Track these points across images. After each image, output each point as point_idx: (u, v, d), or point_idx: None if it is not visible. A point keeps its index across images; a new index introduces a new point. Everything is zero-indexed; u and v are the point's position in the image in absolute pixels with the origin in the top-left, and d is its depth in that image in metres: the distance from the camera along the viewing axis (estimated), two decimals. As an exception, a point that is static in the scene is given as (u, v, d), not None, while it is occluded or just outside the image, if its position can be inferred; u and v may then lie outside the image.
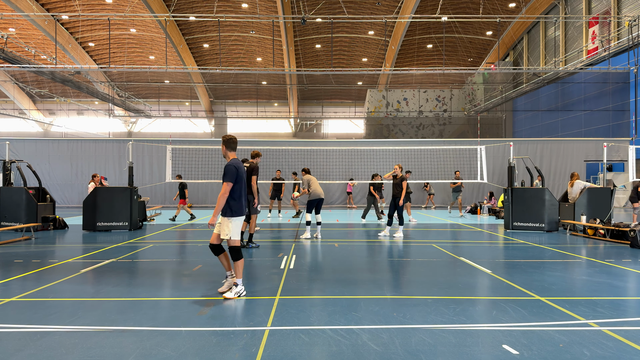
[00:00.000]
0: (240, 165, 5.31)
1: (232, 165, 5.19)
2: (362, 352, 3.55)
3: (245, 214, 5.38)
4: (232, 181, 5.13)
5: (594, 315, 4.51)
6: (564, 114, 28.69)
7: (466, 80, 35.99)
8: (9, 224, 11.60)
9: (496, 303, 4.98)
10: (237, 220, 5.22)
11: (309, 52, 36.96)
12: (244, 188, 5.34)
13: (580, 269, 7.00)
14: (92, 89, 32.64)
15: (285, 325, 4.19)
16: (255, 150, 9.34)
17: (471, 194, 21.89)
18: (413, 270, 6.97)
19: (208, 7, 30.49)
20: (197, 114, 44.71)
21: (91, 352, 3.54)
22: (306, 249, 8.87)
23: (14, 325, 4.20)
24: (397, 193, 10.77)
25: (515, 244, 9.78)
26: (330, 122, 45.72)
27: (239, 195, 5.24)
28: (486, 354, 3.53)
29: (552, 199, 11.93)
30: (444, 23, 27.55)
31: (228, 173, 5.14)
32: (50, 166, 21.44)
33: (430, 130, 34.35)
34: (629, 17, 20.88)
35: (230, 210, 5.18)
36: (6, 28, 31.37)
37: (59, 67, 24.84)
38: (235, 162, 5.26)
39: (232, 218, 5.18)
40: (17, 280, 6.03)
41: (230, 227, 5.17)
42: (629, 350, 3.60)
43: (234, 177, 5.15)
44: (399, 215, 10.84)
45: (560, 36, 28.25)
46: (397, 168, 10.96)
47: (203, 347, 3.65)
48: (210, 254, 8.29)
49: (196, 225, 13.69)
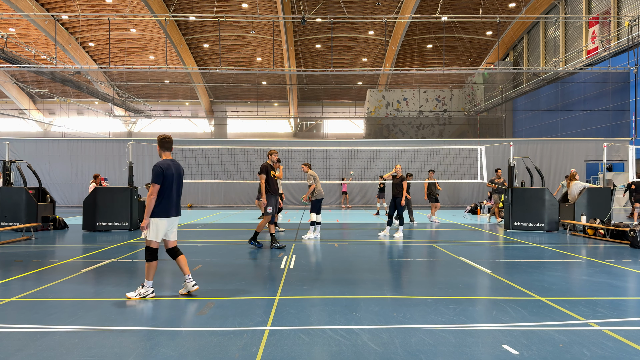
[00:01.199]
0: (169, 165, 5.19)
1: (158, 165, 5.13)
2: (362, 352, 3.55)
3: (173, 215, 5.23)
4: (156, 182, 5.08)
5: (594, 315, 4.51)
6: (564, 114, 28.69)
7: (466, 80, 35.99)
8: (9, 224, 11.60)
9: (496, 303, 4.97)
10: (157, 220, 5.13)
11: (309, 52, 36.96)
12: (174, 189, 5.21)
13: (580, 269, 7.00)
14: (92, 89, 32.65)
15: (285, 325, 4.19)
16: (271, 150, 9.12)
17: (471, 194, 21.89)
18: (413, 270, 6.97)
19: (208, 7, 30.49)
20: (197, 114, 44.70)
21: (91, 352, 3.54)
22: (306, 249, 8.87)
23: (14, 325, 4.19)
24: (397, 193, 10.79)
25: (515, 244, 9.78)
26: (330, 122, 45.72)
27: (165, 196, 5.15)
28: (486, 354, 3.53)
29: (552, 199, 11.94)
30: (444, 23, 27.55)
31: (153, 174, 5.11)
32: (50, 166, 21.44)
33: (430, 130, 34.35)
34: (629, 17, 20.88)
35: (153, 210, 5.14)
36: (6, 28, 31.36)
37: (59, 67, 24.84)
38: (163, 163, 5.19)
39: (152, 218, 5.14)
40: (17, 280, 6.03)
41: (151, 227, 5.15)
42: (629, 350, 3.60)
43: (159, 179, 5.08)
44: (399, 215, 10.84)
45: (560, 36, 28.25)
46: (399, 168, 10.98)
47: (203, 347, 3.65)
48: (210, 254, 8.30)
49: (196, 225, 13.69)
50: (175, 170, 5.26)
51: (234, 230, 12.38)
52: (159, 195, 5.12)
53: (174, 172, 5.23)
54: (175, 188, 5.24)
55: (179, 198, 5.36)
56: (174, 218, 5.27)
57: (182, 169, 5.40)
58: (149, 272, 5.17)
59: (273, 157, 8.98)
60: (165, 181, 5.13)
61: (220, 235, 11.34)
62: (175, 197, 5.26)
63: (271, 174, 8.76)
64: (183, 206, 21.93)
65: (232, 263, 7.39)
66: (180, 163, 6.05)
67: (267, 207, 8.70)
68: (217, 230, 12.36)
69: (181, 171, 5.37)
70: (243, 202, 22.29)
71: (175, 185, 5.25)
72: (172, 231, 5.33)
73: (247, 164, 20.52)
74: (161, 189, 5.12)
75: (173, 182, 5.20)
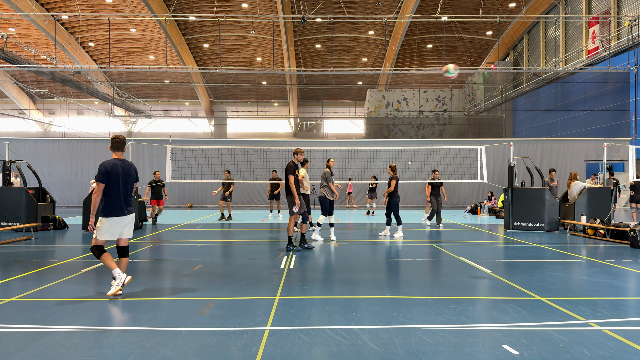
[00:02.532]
0: (114, 165, 5.21)
1: (103, 164, 5.17)
2: (362, 352, 3.55)
3: (118, 215, 5.23)
4: (101, 181, 5.11)
5: (594, 315, 4.51)
6: (564, 114, 28.69)
7: (466, 80, 35.99)
8: (9, 224, 11.60)
9: (496, 303, 4.97)
10: (103, 219, 5.16)
11: (309, 52, 36.96)
12: (120, 189, 5.21)
13: (580, 269, 7.00)
14: (92, 89, 32.64)
15: (285, 325, 4.19)
16: (297, 149, 8.94)
17: (471, 194, 21.89)
18: (413, 270, 6.97)
19: (208, 7, 30.49)
20: (197, 114, 44.70)
21: (91, 352, 3.54)
22: (306, 249, 8.86)
23: (14, 325, 4.19)
24: (391, 193, 10.79)
25: (515, 244, 9.78)
26: (330, 122, 45.71)
27: (109, 195, 5.17)
28: (486, 354, 3.53)
29: (552, 199, 11.94)
30: (444, 23, 27.54)
31: (98, 173, 5.15)
32: (50, 166, 21.44)
33: (430, 130, 34.35)
34: (629, 17, 20.87)
35: (101, 210, 5.17)
36: (6, 28, 31.36)
37: (59, 67, 24.84)
38: (108, 162, 5.21)
39: (100, 218, 5.19)
40: (17, 280, 6.03)
41: (98, 226, 5.18)
42: (629, 350, 3.60)
43: (103, 177, 5.11)
44: (396, 215, 10.81)
45: (560, 36, 28.24)
46: (388, 169, 11.02)
47: (203, 347, 3.65)
48: (210, 254, 8.30)
49: (196, 225, 13.69)
50: (122, 170, 5.25)
51: (234, 230, 12.38)
52: (104, 194, 5.16)
53: (120, 172, 5.23)
54: (122, 188, 5.24)
55: (127, 197, 5.31)
56: (120, 217, 5.24)
57: (132, 169, 5.38)
58: (108, 264, 5.19)
59: (299, 157, 8.81)
60: (110, 180, 5.14)
61: (220, 235, 11.34)
62: (122, 196, 5.24)
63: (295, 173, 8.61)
64: (183, 206, 21.92)
65: (232, 263, 7.39)
66: (180, 163, 6.04)
67: (294, 207, 8.53)
68: (217, 230, 12.36)
69: (131, 171, 5.35)
70: (243, 202, 22.29)
71: (122, 185, 5.25)
72: (124, 231, 5.32)
73: (247, 164, 20.52)
74: (106, 188, 5.15)
75: (119, 181, 5.21)
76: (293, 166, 8.51)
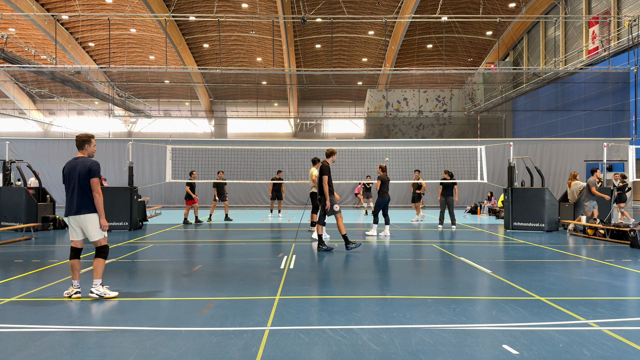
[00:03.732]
0: (66, 165, 5.27)
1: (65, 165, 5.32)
2: (362, 352, 3.55)
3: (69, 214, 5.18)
4: (63, 181, 5.25)
5: (594, 315, 4.51)
6: (564, 114, 28.69)
7: (466, 80, 35.98)
8: (9, 224, 11.60)
9: (496, 303, 4.98)
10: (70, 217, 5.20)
11: (309, 52, 36.96)
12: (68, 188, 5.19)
13: (580, 269, 7.00)
14: (92, 89, 32.64)
15: (285, 325, 4.19)
16: (330, 149, 8.89)
17: (471, 194, 21.88)
18: (413, 270, 6.97)
19: (208, 7, 30.49)
20: (197, 114, 44.70)
21: (91, 352, 3.54)
22: (306, 249, 8.86)
23: (14, 325, 4.20)
24: (379, 192, 10.90)
25: (515, 244, 9.78)
26: (330, 122, 45.71)
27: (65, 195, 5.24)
28: (486, 354, 3.53)
29: (552, 199, 11.94)
30: (444, 23, 27.53)
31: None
32: (50, 166, 21.42)
33: (430, 130, 34.35)
34: (629, 17, 20.87)
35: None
36: (6, 28, 31.36)
37: (59, 67, 24.84)
38: (68, 162, 5.29)
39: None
40: (17, 280, 6.03)
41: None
42: (629, 350, 3.60)
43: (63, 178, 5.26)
44: (374, 213, 11.03)
45: (560, 36, 28.25)
46: (378, 168, 11.11)
47: (203, 347, 3.65)
48: (210, 254, 8.30)
49: (197, 225, 13.68)
50: (69, 169, 5.21)
51: (234, 230, 12.38)
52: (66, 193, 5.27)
53: (68, 171, 5.22)
54: (68, 187, 5.22)
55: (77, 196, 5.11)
56: (72, 217, 5.17)
57: (82, 166, 5.10)
58: (71, 271, 5.25)
59: (334, 158, 8.84)
60: (64, 180, 5.26)
61: (220, 235, 11.34)
62: (70, 195, 5.18)
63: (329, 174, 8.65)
64: (183, 206, 21.87)
65: (232, 263, 7.39)
66: (180, 163, 6.04)
67: (333, 207, 8.50)
68: (217, 230, 12.36)
69: (80, 168, 5.09)
70: (243, 202, 22.28)
71: (67, 184, 5.23)
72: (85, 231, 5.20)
73: (247, 164, 20.51)
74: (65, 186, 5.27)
75: (68, 181, 5.22)
76: (328, 166, 8.56)
